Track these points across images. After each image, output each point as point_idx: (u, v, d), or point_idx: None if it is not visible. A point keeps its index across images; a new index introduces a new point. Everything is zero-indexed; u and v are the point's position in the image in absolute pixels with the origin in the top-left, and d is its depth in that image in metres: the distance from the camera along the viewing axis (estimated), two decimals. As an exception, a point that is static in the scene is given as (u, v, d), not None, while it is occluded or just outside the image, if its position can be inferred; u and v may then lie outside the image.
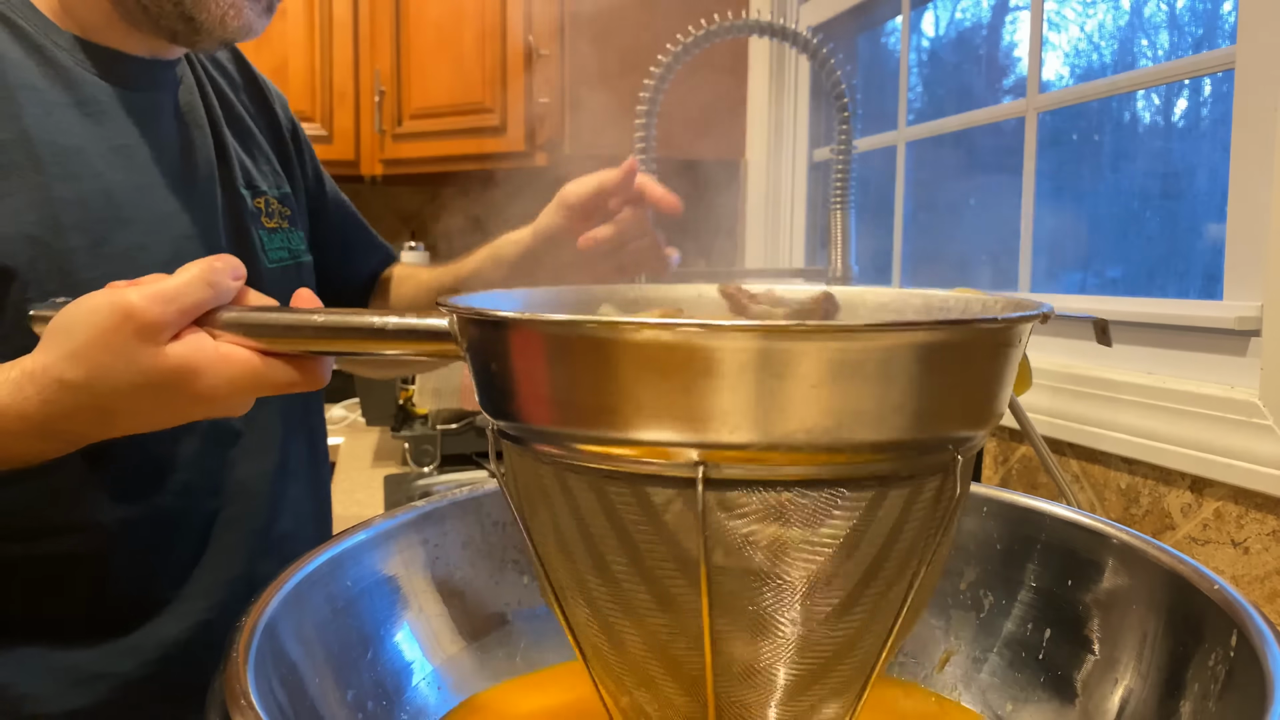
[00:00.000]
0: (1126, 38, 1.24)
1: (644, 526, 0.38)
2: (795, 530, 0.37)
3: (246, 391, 0.46)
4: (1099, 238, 1.29)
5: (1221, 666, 0.44)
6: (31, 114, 0.60)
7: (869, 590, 0.39)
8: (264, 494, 0.72)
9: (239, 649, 0.42)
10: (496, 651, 0.61)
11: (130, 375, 0.44)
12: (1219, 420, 0.80)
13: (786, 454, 0.35)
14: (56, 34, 0.63)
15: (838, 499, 0.37)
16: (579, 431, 0.37)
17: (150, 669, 0.66)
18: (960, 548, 0.62)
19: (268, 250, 0.76)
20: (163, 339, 0.44)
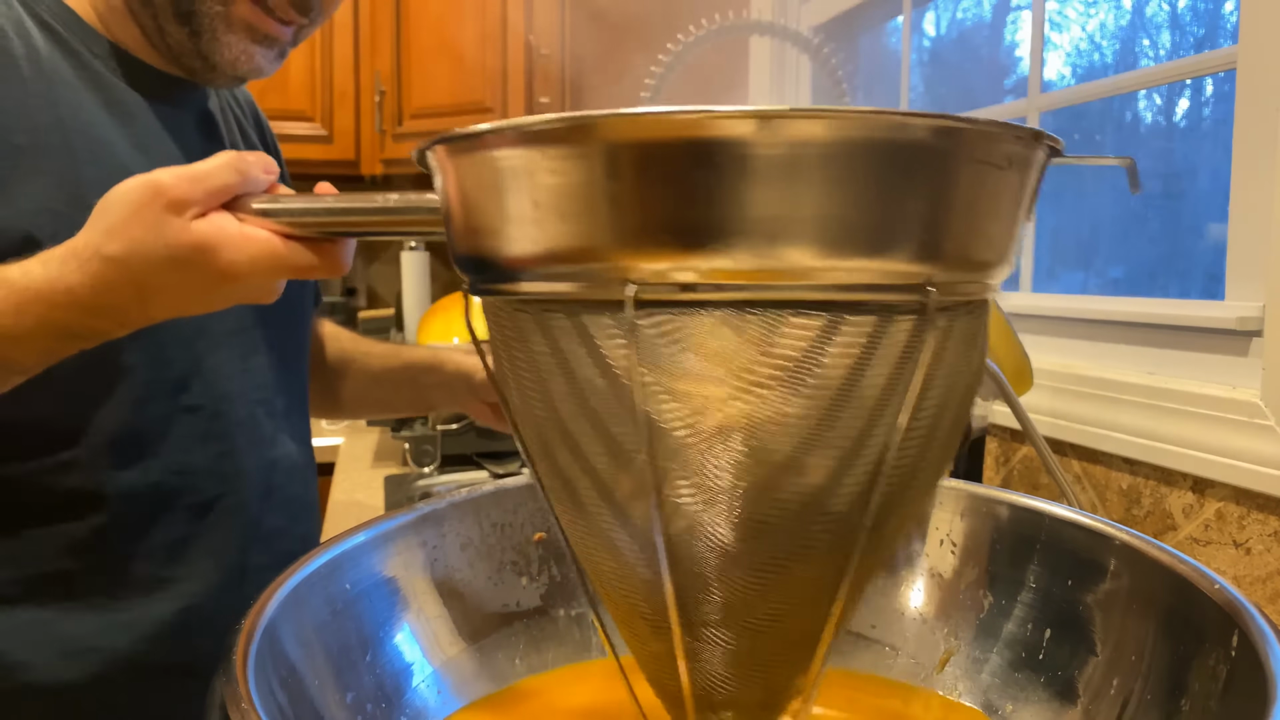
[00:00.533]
0: (1128, 37, 1.24)
1: (585, 361, 0.35)
2: (739, 362, 0.34)
3: (267, 271, 0.47)
4: (1100, 237, 1.29)
5: (1223, 667, 0.44)
6: (66, 105, 0.64)
7: (829, 442, 0.35)
8: (258, 485, 0.75)
9: (238, 650, 0.42)
10: (496, 653, 0.61)
11: (159, 247, 0.46)
12: (1221, 421, 0.80)
13: (725, 273, 0.32)
14: (94, 41, 0.68)
15: (780, 325, 0.33)
16: (517, 258, 0.36)
17: (143, 645, 0.68)
18: (961, 548, 0.62)
19: None
20: (189, 215, 0.46)
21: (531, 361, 0.38)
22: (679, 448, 0.35)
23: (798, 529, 0.37)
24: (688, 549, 0.37)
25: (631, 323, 0.34)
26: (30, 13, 0.65)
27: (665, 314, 0.34)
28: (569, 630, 0.64)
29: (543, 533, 0.66)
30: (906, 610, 0.63)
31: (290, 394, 0.80)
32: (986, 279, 0.37)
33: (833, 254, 0.33)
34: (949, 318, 0.36)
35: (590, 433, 0.37)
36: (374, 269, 2.76)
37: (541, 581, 0.65)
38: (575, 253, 0.34)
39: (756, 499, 0.36)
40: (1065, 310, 1.05)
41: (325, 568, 0.53)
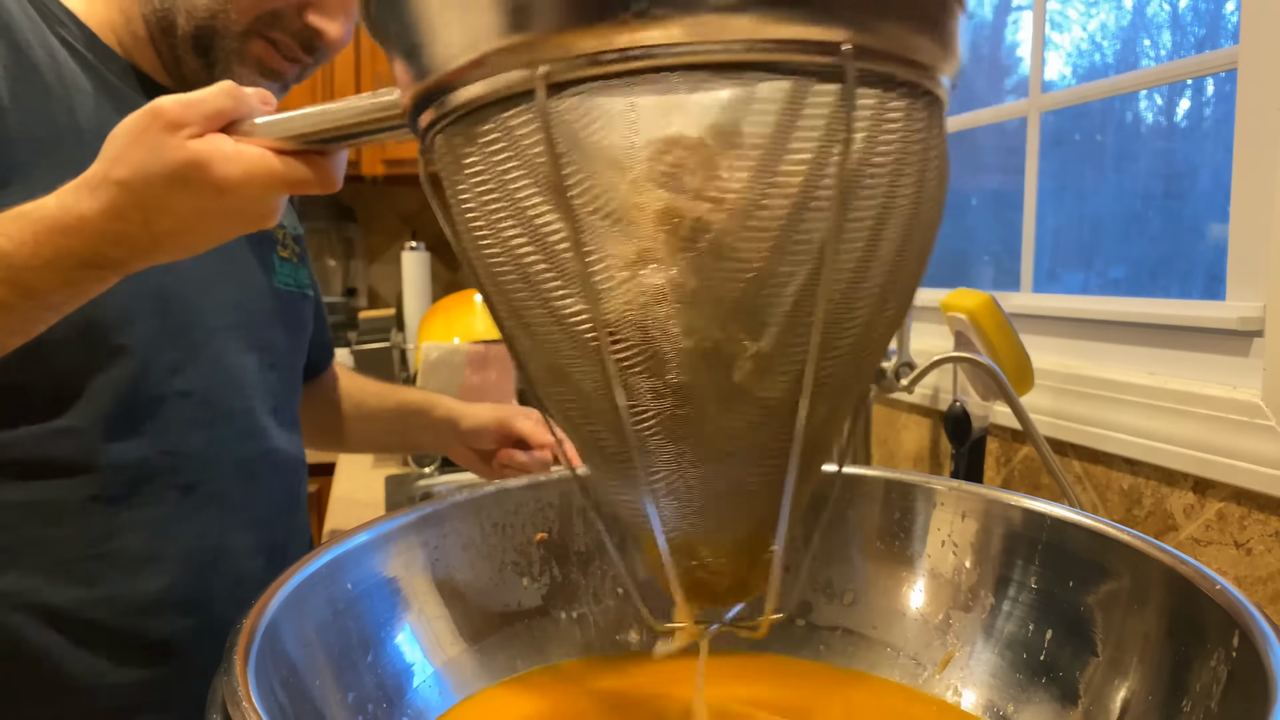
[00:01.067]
0: (1129, 38, 1.24)
1: (513, 165, 0.35)
2: (654, 138, 0.32)
3: (262, 184, 0.49)
4: (1101, 238, 1.29)
5: (1224, 668, 0.44)
6: (83, 111, 0.69)
7: (761, 225, 0.33)
8: (242, 474, 0.78)
9: (239, 650, 0.42)
10: (497, 654, 0.61)
11: (159, 166, 0.49)
12: (1222, 421, 0.80)
13: (620, 31, 0.31)
14: (111, 60, 0.74)
15: (690, 91, 0.32)
16: (426, 80, 0.36)
17: (123, 620, 0.70)
18: (962, 548, 0.62)
19: (277, 273, 0.83)
20: (184, 135, 0.49)
21: (468, 184, 0.37)
22: (611, 239, 0.34)
23: (738, 326, 0.35)
24: (633, 360, 0.36)
25: (544, 107, 0.33)
26: (54, 32, 0.71)
27: (575, 94, 0.33)
28: (570, 631, 0.65)
29: (544, 533, 0.66)
30: (908, 611, 0.63)
31: (279, 395, 0.83)
32: (921, 60, 0.35)
33: (745, 11, 0.32)
34: (881, 101, 0.34)
35: (529, 246, 0.36)
36: (374, 269, 2.76)
37: (543, 582, 0.65)
38: (488, 54, 0.34)
39: (695, 295, 0.34)
40: (1066, 310, 1.05)
41: (326, 568, 0.53)
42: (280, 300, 0.83)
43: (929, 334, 1.26)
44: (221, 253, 0.72)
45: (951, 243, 1.53)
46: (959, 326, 0.97)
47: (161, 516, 0.72)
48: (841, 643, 0.64)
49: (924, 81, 0.36)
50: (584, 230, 0.34)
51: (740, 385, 0.36)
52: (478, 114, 0.36)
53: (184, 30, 0.72)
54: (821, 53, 0.32)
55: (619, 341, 0.35)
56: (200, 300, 0.75)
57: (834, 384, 0.38)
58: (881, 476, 0.66)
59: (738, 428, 0.37)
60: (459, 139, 0.37)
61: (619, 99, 0.33)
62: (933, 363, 0.98)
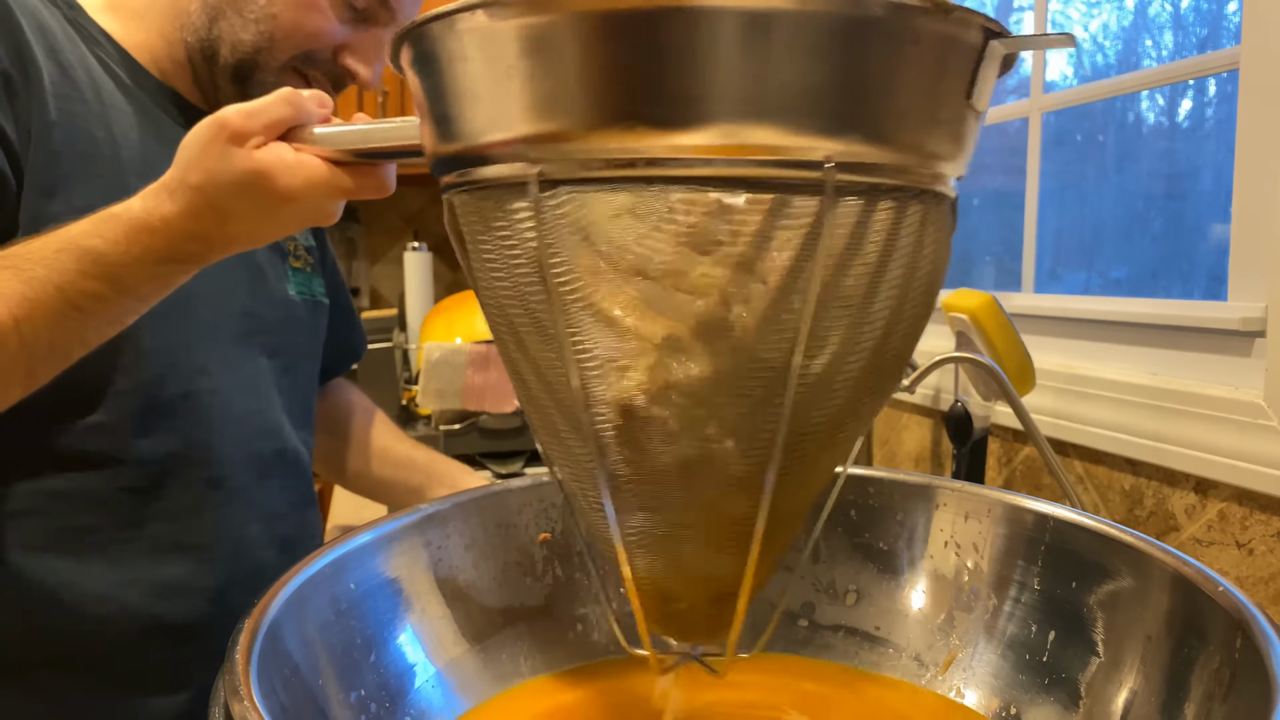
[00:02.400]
0: (1131, 38, 1.24)
1: (508, 242, 0.37)
2: (640, 241, 0.34)
3: (321, 193, 0.54)
4: (1103, 238, 1.29)
5: (1226, 669, 0.44)
6: (119, 127, 0.74)
7: (736, 325, 0.35)
8: (261, 470, 0.82)
9: (241, 649, 0.42)
10: (500, 654, 0.61)
11: (229, 174, 0.54)
12: (1223, 421, 0.80)
13: (625, 150, 0.33)
14: (146, 80, 0.79)
15: (675, 203, 0.34)
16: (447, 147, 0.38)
17: (148, 603, 0.74)
18: (965, 549, 0.62)
19: (291, 282, 0.89)
20: (250, 145, 0.54)
21: (478, 249, 0.40)
22: (590, 328, 0.36)
23: (712, 411, 0.37)
24: (612, 433, 0.38)
25: (537, 200, 0.35)
26: (93, 54, 0.76)
27: (568, 193, 0.35)
28: (573, 631, 0.65)
29: (547, 533, 0.66)
30: (910, 612, 0.63)
31: (294, 397, 0.88)
32: (917, 165, 0.36)
33: (737, 129, 0.33)
34: (866, 207, 0.35)
35: (524, 316, 0.39)
36: (377, 269, 2.76)
37: (546, 582, 0.65)
38: (493, 143, 0.36)
39: (666, 381, 0.36)
40: (1068, 311, 1.05)
41: (329, 568, 0.54)
42: (295, 308, 0.89)
43: (930, 334, 1.26)
44: (239, 265, 0.80)
45: (953, 243, 1.53)
46: (960, 327, 0.97)
47: (185, 507, 0.76)
48: (844, 643, 0.64)
49: (919, 185, 0.37)
50: (572, 317, 0.36)
51: (712, 467, 0.38)
52: (488, 190, 0.38)
53: (226, 61, 0.78)
54: (805, 168, 0.33)
55: (600, 419, 0.38)
56: (220, 308, 0.80)
57: (809, 458, 0.40)
58: (884, 477, 0.66)
59: (708, 497, 0.40)
60: (474, 205, 0.39)
61: (612, 200, 0.35)
62: (934, 363, 0.98)
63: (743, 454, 0.38)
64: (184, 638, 0.76)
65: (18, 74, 0.68)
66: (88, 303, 0.57)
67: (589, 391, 0.37)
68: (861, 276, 0.36)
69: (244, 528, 0.80)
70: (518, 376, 0.42)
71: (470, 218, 0.40)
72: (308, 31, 0.77)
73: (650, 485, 0.39)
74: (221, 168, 0.54)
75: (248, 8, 0.77)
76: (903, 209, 0.36)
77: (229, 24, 0.77)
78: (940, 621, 0.61)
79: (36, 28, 0.71)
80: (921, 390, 1.21)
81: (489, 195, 0.38)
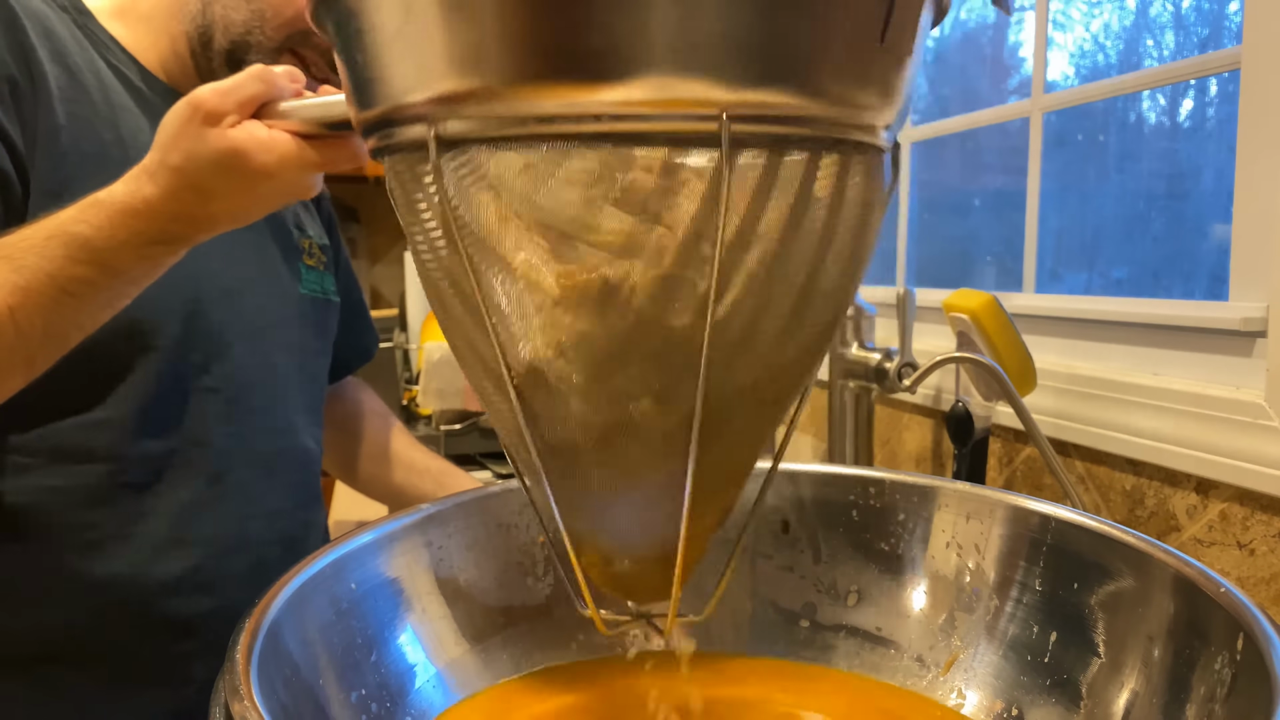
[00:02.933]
0: (1132, 38, 1.24)
1: (422, 205, 0.38)
2: (535, 197, 0.34)
3: (295, 168, 0.55)
4: (1104, 238, 1.29)
5: (1227, 670, 0.44)
6: (126, 127, 0.75)
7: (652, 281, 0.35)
8: (264, 466, 0.83)
9: (241, 649, 0.42)
10: (500, 654, 0.61)
11: (206, 154, 0.55)
12: (1224, 422, 0.80)
13: (521, 95, 0.33)
14: (152, 81, 0.80)
15: (566, 161, 0.34)
16: (365, 113, 0.39)
17: (150, 598, 0.75)
18: (966, 550, 0.62)
19: (303, 280, 0.90)
20: (225, 124, 0.54)
21: (405, 214, 0.41)
22: (498, 288, 0.36)
23: (625, 369, 0.37)
24: (530, 393, 0.38)
25: (437, 162, 0.35)
26: (101, 57, 0.77)
27: (469, 153, 0.35)
28: (574, 631, 0.65)
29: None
30: (912, 613, 0.63)
31: (304, 393, 0.89)
32: (827, 114, 0.35)
33: (634, 84, 0.32)
34: (770, 159, 0.34)
35: (445, 280, 0.39)
36: (377, 269, 2.76)
37: (547, 582, 0.65)
38: (397, 106, 0.36)
39: (581, 347, 0.36)
40: (1069, 311, 1.05)
41: (330, 567, 0.54)
42: (306, 305, 0.90)
43: (931, 334, 1.26)
44: (251, 261, 0.83)
45: (954, 243, 1.53)
46: (961, 327, 0.97)
47: (186, 503, 0.77)
48: (845, 644, 0.64)
49: (833, 134, 0.35)
50: (479, 275, 0.37)
51: (632, 419, 0.38)
52: (404, 152, 0.38)
53: (220, 45, 0.79)
54: (702, 121, 0.33)
55: (517, 379, 0.38)
56: (230, 305, 0.80)
57: (737, 419, 0.40)
58: (885, 478, 0.66)
59: (632, 457, 0.39)
60: (395, 169, 0.40)
61: (511, 159, 0.35)
62: (935, 363, 0.98)
63: (663, 413, 0.38)
64: (186, 633, 0.76)
65: (23, 78, 0.69)
66: (79, 288, 0.58)
67: (505, 352, 0.38)
68: (773, 229, 0.35)
69: (245, 524, 0.81)
70: (449, 336, 0.43)
71: (396, 182, 0.40)
72: (297, 8, 0.78)
73: (575, 446, 0.39)
74: (198, 148, 0.55)
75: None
76: (815, 159, 0.35)
77: (221, 7, 0.78)
78: (941, 622, 0.61)
79: (42, 32, 0.72)
80: (922, 390, 1.21)
81: (404, 159, 0.39)
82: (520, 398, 0.38)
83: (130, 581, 0.74)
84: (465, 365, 0.43)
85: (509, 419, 0.40)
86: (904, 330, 1.02)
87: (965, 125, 1.36)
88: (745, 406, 0.40)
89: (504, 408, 0.40)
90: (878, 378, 1.03)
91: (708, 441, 0.38)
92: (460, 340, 0.41)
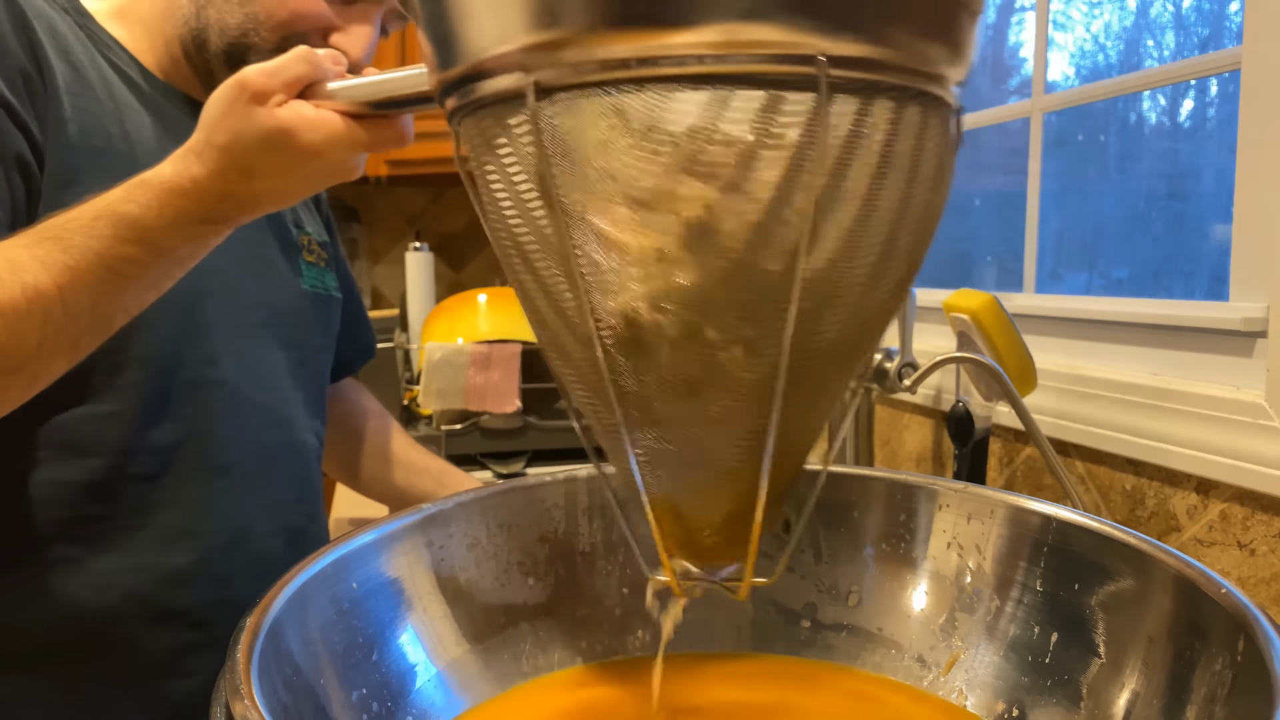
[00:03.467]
0: (1132, 38, 1.24)
1: (510, 159, 0.37)
2: (632, 144, 0.34)
3: (343, 147, 0.56)
4: (1105, 238, 1.29)
5: (1229, 672, 0.44)
6: (130, 122, 0.76)
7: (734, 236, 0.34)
8: (267, 460, 0.84)
9: (242, 649, 0.42)
10: (501, 654, 0.62)
11: (253, 132, 0.55)
12: (1225, 422, 0.80)
13: (608, 40, 0.33)
14: (151, 79, 0.81)
15: (668, 103, 0.33)
16: (450, 72, 0.38)
17: (156, 589, 0.76)
18: (967, 550, 0.62)
19: (303, 276, 0.91)
20: (272, 103, 0.55)
21: (484, 177, 0.40)
22: (591, 238, 0.36)
23: (715, 320, 0.37)
24: (618, 346, 0.38)
25: (534, 110, 0.35)
26: (103, 55, 0.78)
27: (565, 100, 0.35)
28: (575, 632, 0.65)
29: (550, 534, 0.66)
30: (912, 613, 0.63)
31: (307, 388, 0.90)
32: (914, 63, 0.36)
33: (733, 27, 0.33)
34: (863, 106, 0.35)
35: (531, 237, 0.39)
36: (379, 269, 2.76)
37: (548, 582, 0.65)
38: (487, 59, 0.36)
39: (678, 291, 0.36)
40: (1069, 311, 1.05)
41: (331, 567, 0.54)
42: (307, 301, 0.91)
43: (932, 334, 1.26)
44: (252, 258, 0.84)
45: (954, 243, 1.53)
46: (962, 327, 0.97)
47: (193, 496, 0.78)
48: (846, 644, 0.64)
49: (916, 84, 0.36)
50: (573, 227, 0.36)
51: (721, 369, 0.38)
52: (490, 108, 0.38)
53: (216, 47, 0.80)
54: (799, 64, 0.33)
55: (605, 331, 0.38)
56: (232, 300, 0.82)
57: (817, 372, 0.40)
58: (886, 478, 0.66)
59: (717, 409, 0.39)
60: (478, 128, 0.39)
61: (608, 103, 0.34)
62: (935, 363, 0.98)
63: (749, 364, 0.38)
64: (191, 625, 0.77)
65: (34, 71, 0.70)
66: (127, 268, 0.59)
67: (593, 303, 0.37)
68: (862, 176, 0.36)
69: (249, 516, 0.82)
70: (528, 302, 0.42)
71: (475, 143, 0.40)
72: (293, 10, 0.79)
73: (660, 399, 0.39)
74: (246, 127, 0.55)
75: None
76: (901, 108, 0.36)
77: (215, 9, 0.79)
78: (942, 622, 0.61)
79: (49, 30, 0.73)
80: (923, 390, 1.21)
81: (489, 113, 0.38)
82: (607, 354, 0.38)
83: (137, 573, 0.75)
84: (545, 329, 0.42)
85: (589, 378, 0.40)
86: (904, 330, 1.02)
87: (966, 126, 1.36)
88: (824, 360, 0.40)
89: (587, 367, 0.40)
90: (878, 378, 1.03)
91: (790, 394, 0.38)
92: (544, 303, 0.40)
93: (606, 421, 0.42)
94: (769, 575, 0.48)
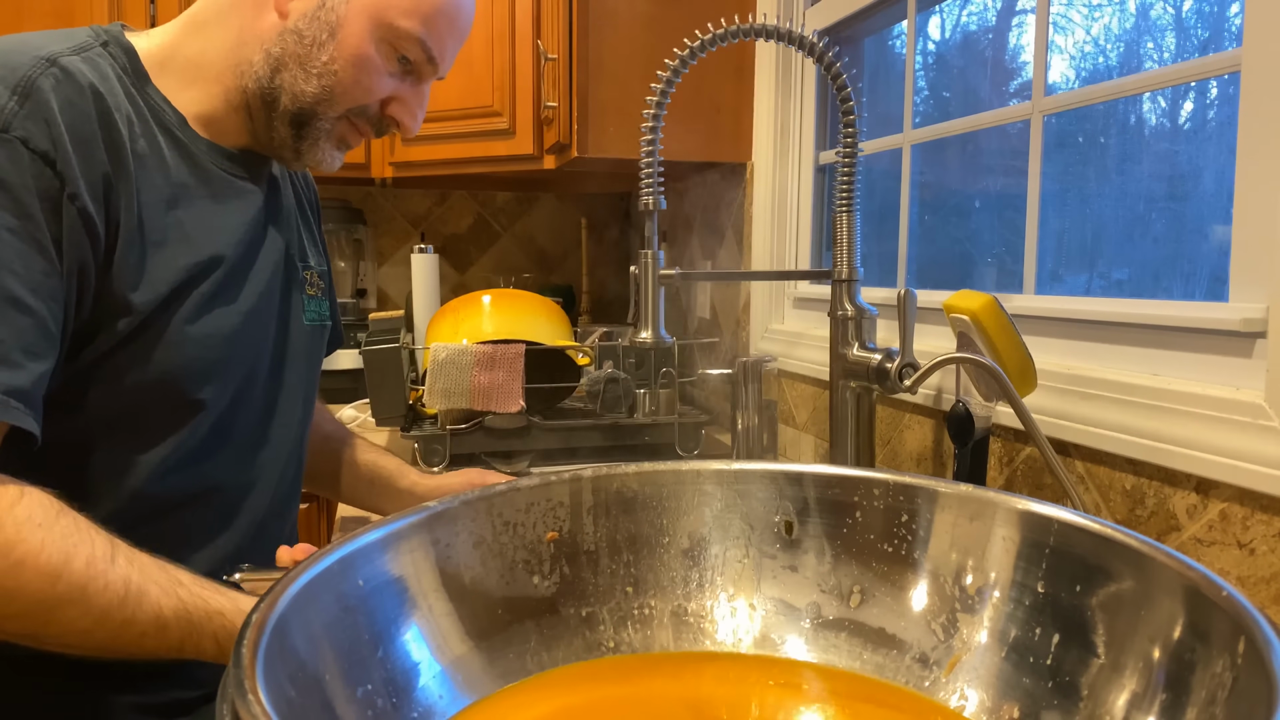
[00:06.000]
0: (1132, 40, 1.24)
1: None
2: None
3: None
4: (1104, 240, 1.29)
5: (1228, 673, 0.44)
6: (186, 210, 0.83)
7: None
8: (269, 493, 0.95)
9: (248, 646, 0.43)
10: (506, 651, 0.62)
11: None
12: (1224, 422, 0.80)
13: None
14: (197, 141, 0.87)
15: None
16: None
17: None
18: (967, 551, 0.62)
19: (306, 311, 0.99)
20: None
21: None
22: None
23: None
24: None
25: None
26: (156, 121, 0.84)
27: None
28: (579, 629, 0.65)
29: (555, 532, 0.67)
30: (913, 613, 0.63)
31: (305, 422, 1.01)
32: None
33: None
34: None
35: None
36: (384, 270, 2.76)
37: (553, 580, 0.66)
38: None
39: None
40: (1069, 312, 1.06)
41: (337, 565, 0.54)
42: (307, 336, 0.99)
43: (932, 335, 1.27)
44: (269, 305, 0.92)
45: (954, 244, 1.53)
46: (962, 327, 0.98)
47: (207, 526, 0.87)
48: (848, 644, 0.64)
49: None
50: None
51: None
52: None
53: (286, 108, 0.87)
54: None
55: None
56: (253, 347, 0.89)
57: None
58: (888, 479, 0.66)
59: None
60: None
61: None
62: (935, 363, 0.98)
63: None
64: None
65: (114, 173, 0.76)
66: (151, 646, 0.70)
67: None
68: None
69: (251, 539, 0.91)
70: None
71: None
72: (365, 87, 0.86)
73: None
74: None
75: (311, 63, 0.84)
76: None
77: (291, 75, 0.85)
78: (944, 623, 0.62)
79: (126, 120, 0.78)
80: (923, 391, 1.21)
81: None
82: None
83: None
84: None
85: None
86: (905, 331, 1.02)
87: (966, 127, 1.36)
88: None
89: None
90: (879, 378, 1.04)
91: None
92: None
93: None
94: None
